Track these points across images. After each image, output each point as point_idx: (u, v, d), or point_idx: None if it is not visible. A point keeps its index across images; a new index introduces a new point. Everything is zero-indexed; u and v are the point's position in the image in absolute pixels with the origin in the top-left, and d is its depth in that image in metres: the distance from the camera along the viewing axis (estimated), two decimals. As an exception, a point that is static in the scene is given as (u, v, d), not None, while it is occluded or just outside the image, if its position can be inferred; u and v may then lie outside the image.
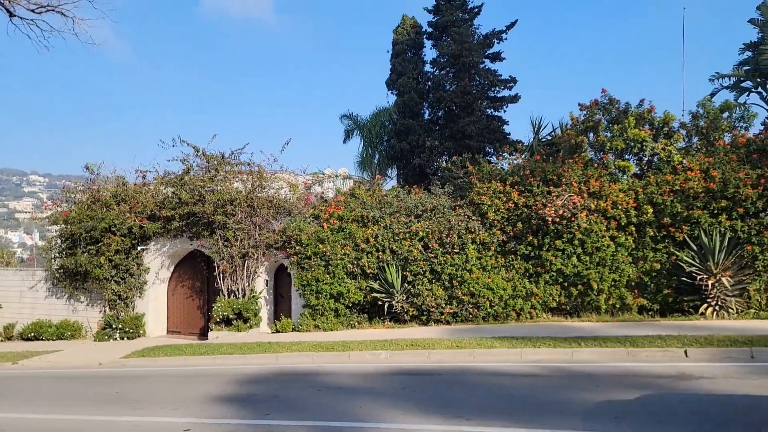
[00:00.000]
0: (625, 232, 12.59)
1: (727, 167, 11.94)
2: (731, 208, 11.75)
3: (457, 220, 13.48)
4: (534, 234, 13.16)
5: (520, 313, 13.19)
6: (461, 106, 23.62)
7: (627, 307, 12.55)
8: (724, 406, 5.99)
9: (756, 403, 5.99)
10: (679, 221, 12.13)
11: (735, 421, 5.48)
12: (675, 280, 12.16)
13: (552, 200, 12.70)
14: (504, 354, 9.71)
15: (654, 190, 12.33)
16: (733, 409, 5.87)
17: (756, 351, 8.26)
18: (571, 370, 8.42)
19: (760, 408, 5.83)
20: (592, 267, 12.62)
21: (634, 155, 13.59)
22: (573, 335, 10.28)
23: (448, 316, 13.44)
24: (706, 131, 13.20)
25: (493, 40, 24.68)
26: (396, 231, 13.79)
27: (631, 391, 6.82)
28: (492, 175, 14.15)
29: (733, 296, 11.57)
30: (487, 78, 24.26)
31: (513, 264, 13.40)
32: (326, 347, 11.17)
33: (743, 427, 5.28)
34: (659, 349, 8.82)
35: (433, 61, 25.39)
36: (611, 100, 13.83)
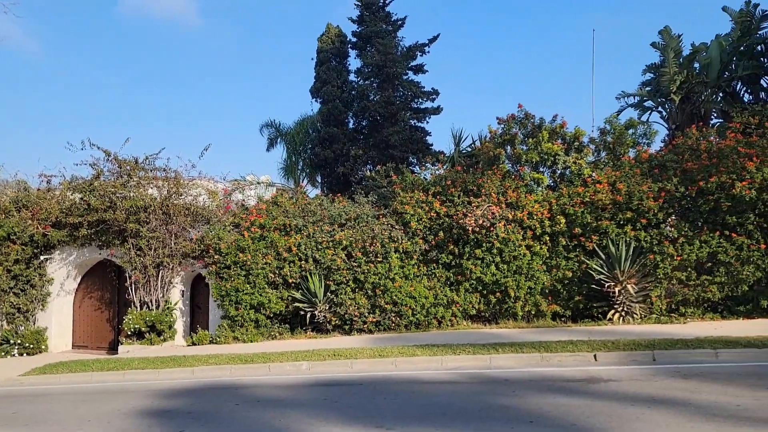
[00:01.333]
0: (539, 242, 13.10)
1: (631, 181, 12.70)
2: (635, 219, 12.49)
3: (381, 229, 13.53)
4: (455, 243, 13.43)
5: (441, 321, 13.38)
6: (385, 116, 23.87)
7: (542, 314, 13.04)
8: (629, 407, 6.30)
9: (659, 402, 6.36)
10: (589, 231, 12.76)
11: (641, 419, 5.78)
12: (585, 287, 12.76)
13: (472, 210, 13.02)
14: (425, 362, 9.79)
15: (566, 202, 12.91)
16: (636, 411, 6.19)
17: (657, 354, 8.79)
18: (489, 376, 8.61)
19: (661, 407, 6.19)
20: (510, 275, 13.02)
21: (548, 168, 14.20)
22: (491, 342, 10.53)
23: (371, 325, 13.43)
24: (613, 146, 14.01)
25: (416, 52, 25.17)
26: (319, 240, 13.65)
27: (545, 396, 7.06)
28: (415, 184, 14.34)
29: (637, 302, 12.28)
30: (411, 89, 24.70)
31: (435, 272, 13.59)
32: (245, 359, 10.84)
33: (649, 426, 5.58)
34: (571, 354, 9.20)
35: (358, 71, 25.54)
36: (527, 115, 14.41)
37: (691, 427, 5.43)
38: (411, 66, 25.26)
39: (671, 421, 5.67)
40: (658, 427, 5.51)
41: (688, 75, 22.39)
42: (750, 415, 5.64)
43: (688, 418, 5.72)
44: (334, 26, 26.07)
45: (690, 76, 22.41)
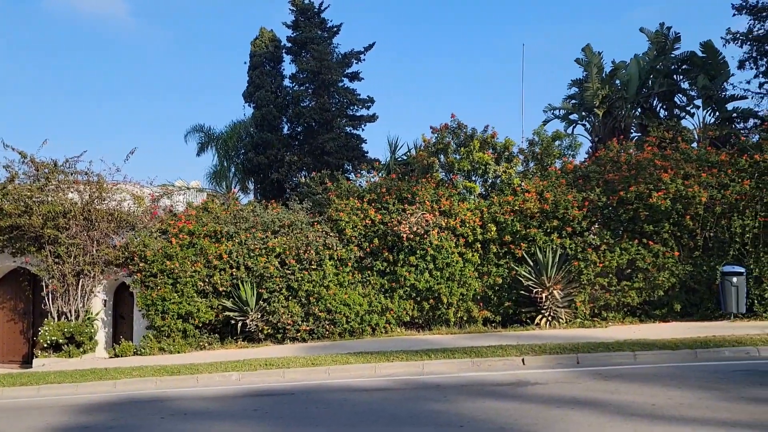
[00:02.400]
0: (472, 249, 13.38)
1: (558, 190, 13.21)
2: (561, 228, 12.99)
3: (315, 236, 13.42)
4: (390, 250, 13.50)
5: (375, 328, 13.40)
6: (320, 122, 23.79)
7: (473, 320, 13.30)
8: (554, 408, 6.52)
9: (582, 404, 6.62)
10: (518, 239, 13.16)
11: (565, 420, 5.99)
12: (515, 293, 13.13)
13: (407, 218, 13.14)
14: (359, 369, 9.77)
15: (497, 210, 13.27)
16: (561, 412, 6.41)
17: (581, 357, 9.15)
18: (422, 382, 8.69)
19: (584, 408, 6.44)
20: (443, 282, 13.21)
21: (479, 177, 14.56)
22: (424, 348, 10.63)
23: (305, 333, 13.27)
24: (541, 157, 14.55)
25: (351, 59, 25.25)
26: (252, 247, 13.37)
27: (475, 400, 7.19)
28: (350, 192, 14.33)
29: (563, 307, 12.76)
30: (346, 96, 24.74)
31: (369, 280, 13.61)
32: (171, 371, 10.43)
33: (573, 426, 5.78)
34: (500, 359, 9.43)
35: (293, 76, 25.34)
36: (459, 125, 14.74)
37: (610, 427, 5.68)
38: (346, 73, 25.31)
39: (593, 421, 5.91)
40: (581, 428, 5.72)
41: (610, 90, 23.59)
42: (663, 414, 5.95)
43: (608, 418, 5.97)
44: (268, 30, 25.74)
45: (611, 91, 23.61)
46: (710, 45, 22.18)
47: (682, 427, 5.49)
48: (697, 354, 8.78)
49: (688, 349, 8.94)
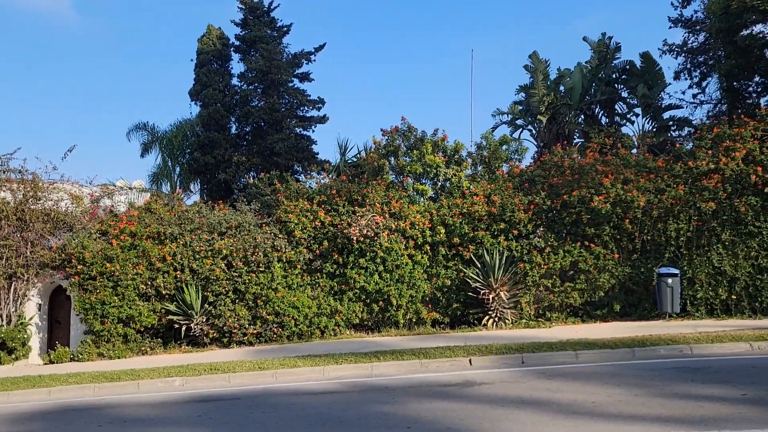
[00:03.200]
0: (421, 251, 13.48)
1: (505, 194, 13.47)
2: (508, 230, 13.26)
3: (263, 238, 13.22)
4: (339, 252, 13.45)
5: (324, 331, 13.31)
6: (270, 122, 23.48)
7: (422, 321, 13.40)
8: (499, 408, 6.63)
9: (527, 403, 6.76)
10: (467, 241, 13.35)
11: (510, 419, 6.10)
12: (463, 294, 13.31)
13: (357, 220, 13.12)
14: (307, 372, 9.68)
15: (446, 213, 13.42)
16: (506, 411, 6.53)
17: (526, 356, 9.35)
18: (370, 384, 8.67)
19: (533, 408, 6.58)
20: (393, 284, 13.25)
21: (430, 179, 14.70)
22: (373, 350, 10.63)
23: (252, 337, 13.04)
24: (489, 161, 14.82)
25: (302, 60, 25.07)
26: (197, 249, 13.05)
27: (422, 401, 7.23)
28: (299, 193, 14.20)
29: (509, 308, 13.02)
30: (296, 97, 24.53)
31: (319, 282, 13.51)
32: (111, 377, 10.05)
33: (517, 425, 5.90)
34: (448, 360, 9.53)
35: (241, 75, 24.92)
36: (410, 128, 14.84)
37: (553, 425, 5.82)
38: (297, 73, 25.10)
39: (536, 419, 6.04)
40: (525, 427, 5.85)
41: (555, 97, 24.30)
42: (602, 411, 6.15)
43: (551, 416, 6.12)
44: (216, 28, 25.23)
45: (556, 98, 24.33)
46: (648, 56, 23.18)
47: (619, 423, 5.68)
48: (634, 353, 9.11)
49: (627, 348, 9.27)
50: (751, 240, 11.91)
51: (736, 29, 18.91)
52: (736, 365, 7.98)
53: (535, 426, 5.82)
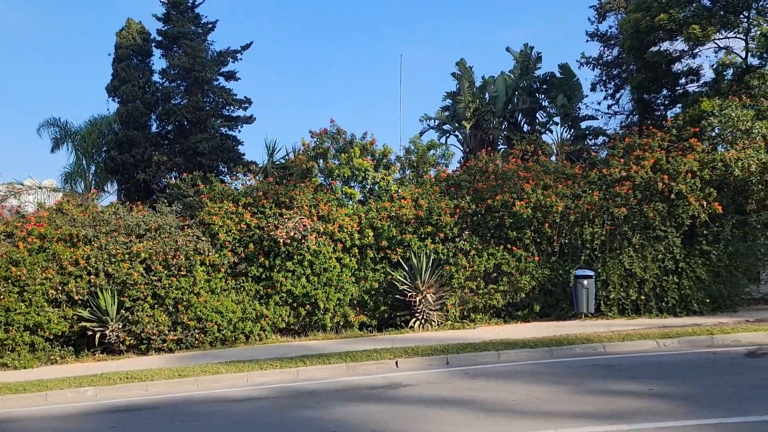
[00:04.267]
0: (349, 254, 13.46)
1: (432, 198, 13.70)
2: (435, 233, 13.48)
3: (185, 241, 12.77)
4: (266, 255, 13.20)
5: (249, 336, 13.01)
6: (193, 121, 22.73)
7: (350, 324, 13.37)
8: (424, 409, 6.72)
9: (449, 403, 6.88)
10: (395, 244, 13.46)
11: (434, 419, 6.19)
12: (390, 297, 13.40)
13: (284, 222, 12.93)
14: (231, 379, 9.42)
15: (374, 216, 13.48)
16: (430, 412, 6.62)
17: (450, 357, 9.53)
18: (296, 388, 8.55)
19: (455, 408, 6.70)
20: (320, 287, 13.15)
21: (358, 183, 14.71)
22: (300, 354, 10.50)
23: (172, 343, 12.55)
24: (417, 165, 15.02)
25: (228, 58, 24.44)
26: (113, 252, 12.41)
27: (348, 405, 7.20)
28: (224, 194, 13.83)
29: (435, 310, 13.23)
30: (222, 96, 23.88)
31: (244, 286, 13.20)
32: (15, 388, 9.37)
33: (440, 425, 5.98)
34: (374, 362, 9.55)
35: (163, 72, 23.97)
36: (339, 131, 14.81)
37: (475, 424, 5.95)
38: (222, 72, 24.45)
39: (459, 419, 6.16)
40: (448, 426, 5.95)
41: (480, 104, 24.99)
42: (522, 409, 6.36)
43: (474, 415, 6.26)
44: (136, 22, 24.13)
45: (481, 105, 25.03)
46: (567, 67, 24.30)
47: (538, 420, 5.89)
48: (552, 351, 9.49)
49: (545, 347, 9.64)
50: (658, 243, 12.70)
51: (646, 46, 20.15)
52: (644, 362, 8.48)
53: (457, 425, 5.93)
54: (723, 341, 9.37)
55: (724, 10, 18.54)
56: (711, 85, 20.15)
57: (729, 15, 18.62)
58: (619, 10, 27.73)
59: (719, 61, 20.14)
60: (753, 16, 18.68)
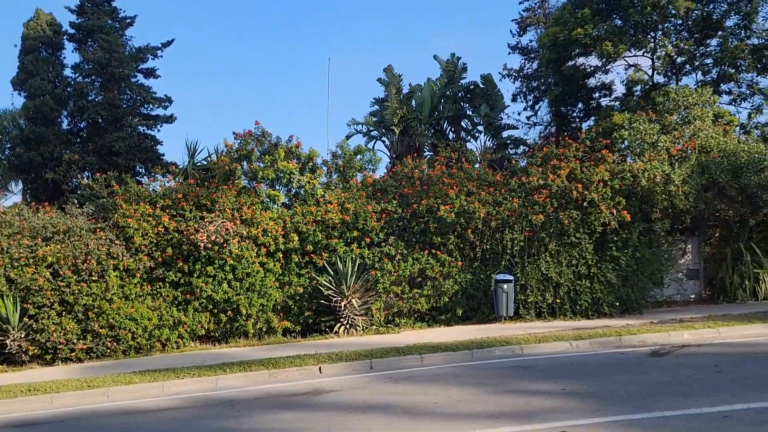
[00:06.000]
0: (273, 259, 13.21)
1: (358, 202, 13.70)
2: (361, 238, 13.48)
3: (98, 244, 12.09)
4: (185, 260, 12.74)
5: (166, 344, 12.47)
6: (109, 119, 21.64)
7: (273, 330, 13.11)
8: (346, 414, 6.68)
9: (371, 408, 6.87)
10: (320, 249, 13.34)
11: (356, 424, 6.16)
12: (315, 302, 13.26)
13: (205, 226, 12.52)
14: (144, 389, 8.99)
15: (300, 220, 13.31)
16: (352, 417, 6.59)
17: (374, 362, 9.54)
18: (215, 397, 8.28)
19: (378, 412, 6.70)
20: (242, 292, 12.82)
21: (283, 186, 14.49)
22: (219, 362, 10.17)
23: (81, 353, 11.83)
24: (343, 169, 14.98)
25: (147, 54, 23.49)
26: (16, 255, 11.57)
27: (269, 412, 7.04)
28: (141, 196, 13.23)
29: (360, 315, 13.22)
30: (140, 93, 22.90)
31: (161, 292, 12.67)
32: None
33: (363, 430, 5.96)
34: (297, 368, 9.41)
35: (76, 67, 22.70)
36: (264, 133, 14.53)
37: (397, 427, 5.98)
38: (141, 68, 23.47)
39: (381, 423, 6.17)
40: (370, 431, 5.93)
41: (407, 111, 25.32)
42: (443, 411, 6.45)
43: (396, 419, 6.29)
44: (46, 13, 22.74)
45: (408, 112, 25.36)
46: (490, 78, 25.10)
47: (458, 422, 5.99)
48: (473, 354, 9.71)
49: (467, 350, 9.85)
50: (573, 249, 13.31)
51: (563, 60, 21.17)
52: (559, 363, 8.84)
53: (380, 429, 5.93)
54: (630, 342, 9.93)
55: (634, 29, 19.79)
56: (622, 100, 21.44)
57: (638, 35, 19.89)
58: (539, 25, 29.00)
59: (629, 78, 21.46)
60: (659, 37, 20.06)
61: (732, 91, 20.72)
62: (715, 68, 20.27)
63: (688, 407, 5.71)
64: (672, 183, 13.32)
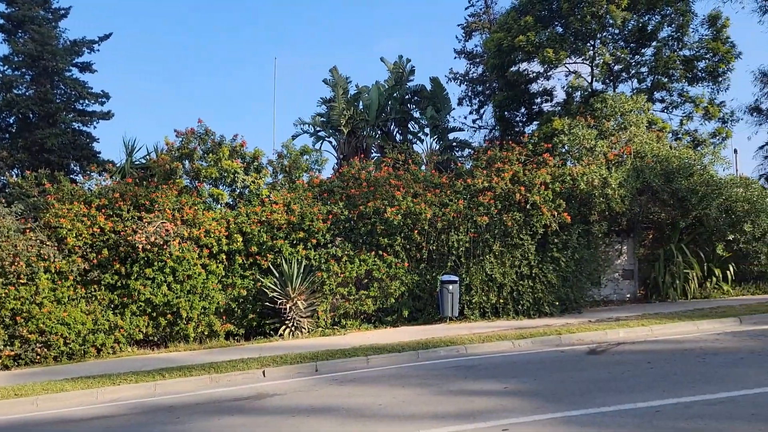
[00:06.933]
0: (216, 260, 12.90)
1: (304, 203, 13.55)
2: (307, 239, 13.34)
3: (27, 246, 11.49)
4: (122, 262, 12.27)
5: (101, 349, 11.98)
6: (41, 114, 20.63)
7: (215, 334, 12.79)
8: (290, 418, 6.57)
9: (317, 411, 6.79)
10: (265, 250, 13.12)
11: (300, 428, 6.06)
12: (260, 304, 13.03)
13: (144, 226, 12.11)
14: (78, 396, 8.59)
15: (244, 220, 13.05)
16: (296, 420, 6.49)
17: (320, 364, 9.45)
18: (153, 404, 7.99)
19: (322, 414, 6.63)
20: (183, 295, 12.46)
21: (227, 185, 14.19)
22: (158, 367, 9.83)
23: (8, 359, 11.21)
24: (289, 170, 14.81)
25: (83, 48, 22.52)
26: (-65, 258, 10.83)
27: (210, 418, 6.85)
28: (75, 195, 12.68)
29: (306, 317, 13.07)
30: (75, 88, 21.94)
31: (96, 295, 12.16)
32: None
33: None
34: (240, 372, 9.20)
35: (5, 59, 21.55)
36: (207, 131, 14.20)
37: (341, 429, 5.92)
38: (76, 62, 22.48)
39: (325, 426, 6.10)
40: None
41: (354, 112, 25.30)
42: (387, 412, 6.44)
43: (340, 421, 6.23)
44: (-29, 1, 21.49)
45: (355, 113, 25.35)
46: (437, 81, 25.40)
47: (403, 423, 5.99)
48: (419, 355, 9.76)
49: (412, 351, 9.89)
50: (516, 250, 13.60)
51: (507, 65, 21.67)
52: (501, 362, 9.00)
53: (324, 433, 5.86)
54: (569, 340, 10.23)
55: (575, 37, 20.47)
56: (562, 105, 22.14)
57: (578, 42, 20.59)
58: (485, 30, 29.58)
59: (569, 84, 22.20)
60: (598, 46, 20.82)
61: (665, 99, 21.78)
62: (650, 77, 21.25)
63: (623, 403, 5.91)
64: (609, 186, 13.82)
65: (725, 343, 9.05)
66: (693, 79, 20.90)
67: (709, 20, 20.70)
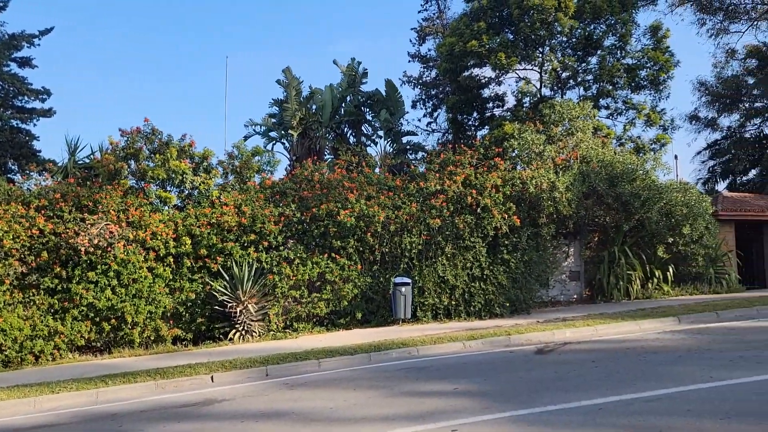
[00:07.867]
0: (163, 263, 12.56)
1: (256, 205, 13.36)
2: (258, 242, 13.15)
3: (-42, 248, 10.88)
4: (63, 265, 11.80)
5: (39, 356, 11.48)
6: (-23, 110, 19.63)
7: (162, 339, 12.44)
8: (238, 424, 6.45)
9: (266, 416, 6.69)
10: (215, 252, 12.85)
11: (249, 436, 5.96)
12: (209, 308, 12.75)
13: (86, 228, 11.68)
14: (14, 406, 8.20)
15: (193, 222, 12.76)
16: (244, 426, 6.38)
17: (270, 369, 9.31)
18: (95, 412, 7.70)
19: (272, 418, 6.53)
20: (128, 299, 12.07)
21: (175, 186, 13.83)
22: (101, 374, 9.48)
23: (-64, 369, 10.58)
24: (240, 171, 14.56)
25: (22, 42, 21.57)
26: None
27: (155, 426, 6.65)
28: (12, 195, 12.12)
29: (257, 321, 12.87)
30: (13, 84, 20.99)
31: (34, 300, 11.66)
32: None
33: None
34: (187, 378, 8.97)
35: (-62, 51, 20.41)
36: (154, 130, 13.81)
37: (292, 435, 5.86)
38: (15, 57, 21.50)
39: (276, 431, 6.01)
40: None
41: (307, 113, 25.14)
42: (339, 416, 6.41)
43: (290, 426, 6.15)
44: None
45: (308, 114, 25.19)
46: (391, 84, 25.52)
47: (354, 425, 5.97)
48: (371, 357, 9.76)
49: (364, 353, 9.88)
50: (467, 253, 13.79)
51: (460, 70, 21.99)
52: (452, 363, 9.09)
53: (274, 439, 5.78)
54: (518, 341, 10.43)
55: (525, 44, 20.95)
56: (513, 111, 22.62)
57: (528, 49, 21.09)
58: (438, 35, 29.92)
59: (519, 89, 22.70)
60: (546, 53, 21.38)
61: (609, 105, 22.56)
62: (595, 84, 21.98)
63: (569, 401, 6.07)
64: (557, 190, 14.20)
65: (665, 342, 9.42)
66: (636, 86, 21.73)
67: (651, 31, 21.61)
